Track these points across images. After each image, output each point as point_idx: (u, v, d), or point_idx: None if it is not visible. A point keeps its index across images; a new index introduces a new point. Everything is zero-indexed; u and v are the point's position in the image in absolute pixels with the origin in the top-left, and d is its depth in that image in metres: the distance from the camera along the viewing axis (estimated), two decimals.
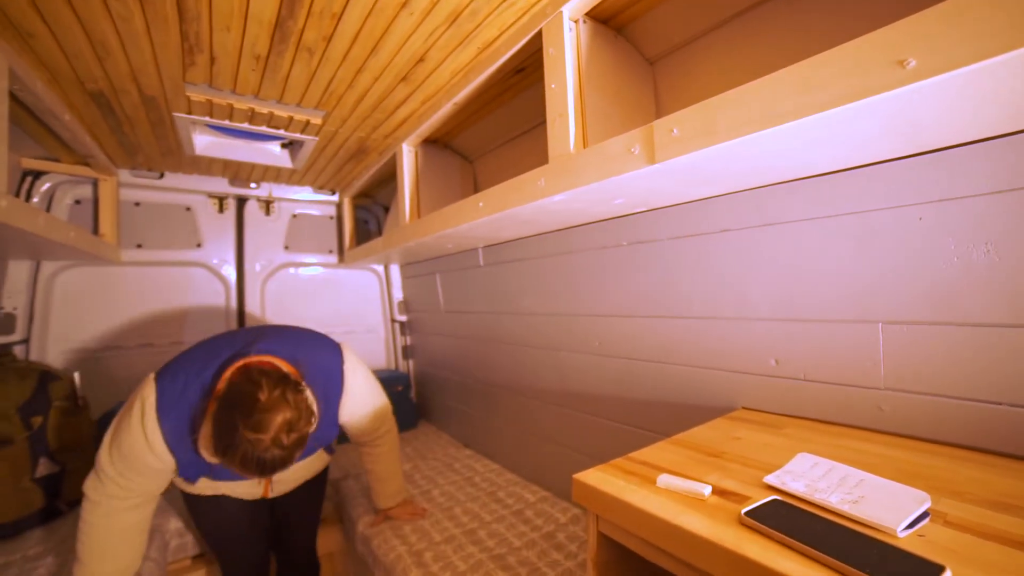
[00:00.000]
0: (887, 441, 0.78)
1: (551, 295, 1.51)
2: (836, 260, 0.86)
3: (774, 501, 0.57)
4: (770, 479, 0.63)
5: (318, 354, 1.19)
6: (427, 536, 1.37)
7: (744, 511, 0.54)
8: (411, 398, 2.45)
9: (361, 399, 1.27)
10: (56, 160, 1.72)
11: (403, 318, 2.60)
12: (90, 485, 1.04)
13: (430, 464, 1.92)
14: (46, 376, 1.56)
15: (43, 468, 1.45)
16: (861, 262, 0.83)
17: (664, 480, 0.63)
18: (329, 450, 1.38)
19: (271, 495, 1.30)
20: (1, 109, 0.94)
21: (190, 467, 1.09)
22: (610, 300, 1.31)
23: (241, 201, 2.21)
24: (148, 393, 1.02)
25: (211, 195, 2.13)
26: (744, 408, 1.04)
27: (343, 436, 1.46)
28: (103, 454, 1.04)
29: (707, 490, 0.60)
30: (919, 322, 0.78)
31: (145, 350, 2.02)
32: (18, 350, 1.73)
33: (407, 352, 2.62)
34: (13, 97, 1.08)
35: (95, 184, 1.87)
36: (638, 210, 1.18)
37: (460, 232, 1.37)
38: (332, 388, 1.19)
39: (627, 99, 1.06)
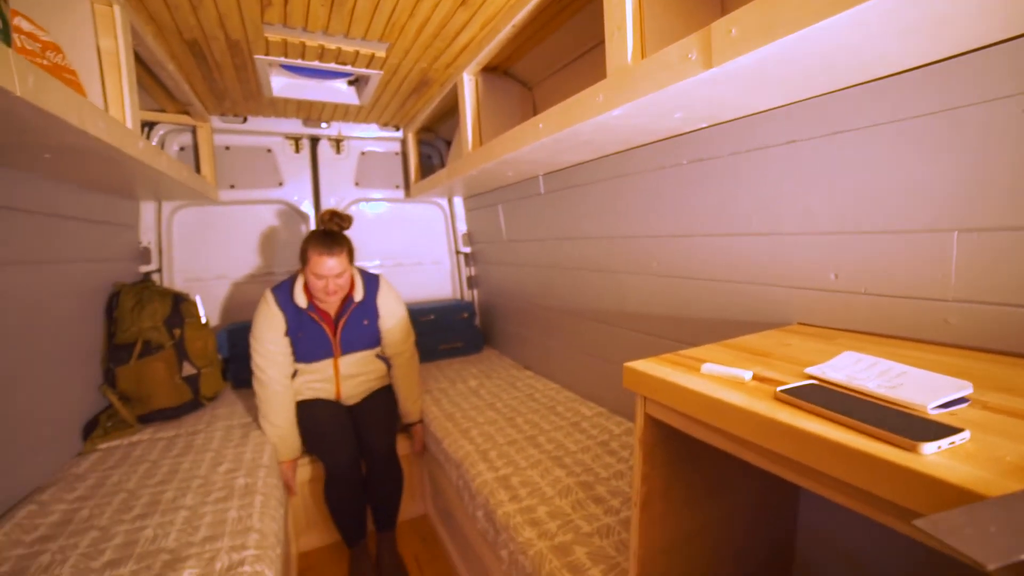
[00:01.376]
0: (948, 352, 0.78)
1: (610, 218, 1.54)
2: (909, 166, 0.82)
3: (811, 384, 0.62)
4: (811, 370, 0.67)
5: (365, 272, 1.80)
6: (491, 439, 1.55)
7: (779, 389, 0.60)
8: (476, 325, 2.64)
9: (391, 300, 1.79)
10: (162, 111, 1.94)
11: (467, 250, 2.75)
12: (254, 380, 1.62)
13: (494, 382, 2.11)
14: (178, 298, 1.88)
15: (186, 370, 1.79)
16: (939, 166, 0.79)
17: (708, 368, 0.70)
18: (385, 360, 1.86)
19: (343, 397, 1.76)
20: (130, 63, 1.10)
21: (290, 327, 1.63)
22: (669, 220, 1.32)
23: (314, 141, 2.38)
24: (267, 290, 1.65)
25: (287, 136, 2.31)
26: (800, 323, 1.05)
27: None
28: (251, 341, 1.63)
29: (747, 375, 0.66)
30: (1002, 228, 0.74)
31: (244, 278, 2.33)
32: (155, 277, 2.09)
33: (471, 282, 2.78)
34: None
35: (193, 132, 2.10)
36: (700, 126, 1.16)
37: (521, 157, 1.41)
38: (371, 286, 1.77)
39: (690, 6, 1.01)
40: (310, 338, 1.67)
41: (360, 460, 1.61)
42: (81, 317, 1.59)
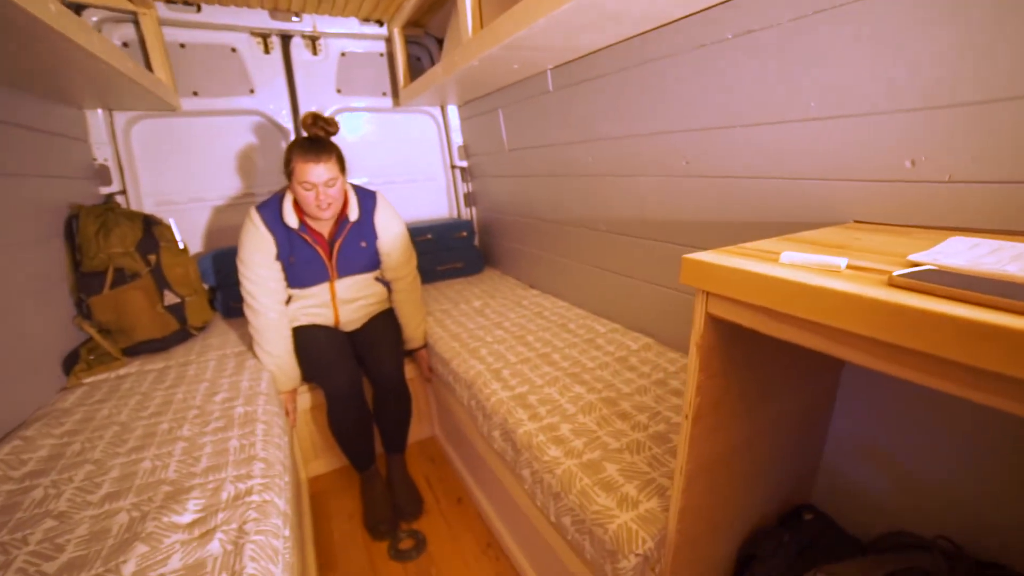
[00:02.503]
0: None
1: (631, 114, 1.35)
2: None
3: (929, 270, 0.50)
4: (917, 256, 0.56)
5: (360, 188, 1.63)
6: (503, 358, 1.47)
7: (895, 273, 0.48)
8: (475, 245, 2.50)
9: (390, 219, 1.64)
10: None
11: (463, 163, 2.53)
12: (246, 308, 1.50)
13: (499, 301, 2.01)
14: (149, 220, 1.69)
15: (168, 298, 1.65)
16: None
17: (789, 256, 0.58)
18: (385, 283, 1.74)
19: (341, 324, 1.66)
20: None
21: (281, 250, 1.49)
22: (704, 111, 1.15)
23: (285, 39, 2.06)
24: (251, 209, 1.48)
25: (253, 32, 1.99)
26: (856, 221, 0.93)
27: None
28: (238, 266, 1.48)
29: (842, 262, 0.54)
30: None
31: (222, 201, 2.12)
32: (120, 201, 1.87)
33: (469, 199, 2.60)
34: None
35: (136, 23, 1.78)
36: None
37: (531, 40, 1.20)
38: (367, 204, 1.60)
39: None
40: (304, 262, 1.53)
41: (361, 383, 1.54)
42: (36, 240, 1.41)
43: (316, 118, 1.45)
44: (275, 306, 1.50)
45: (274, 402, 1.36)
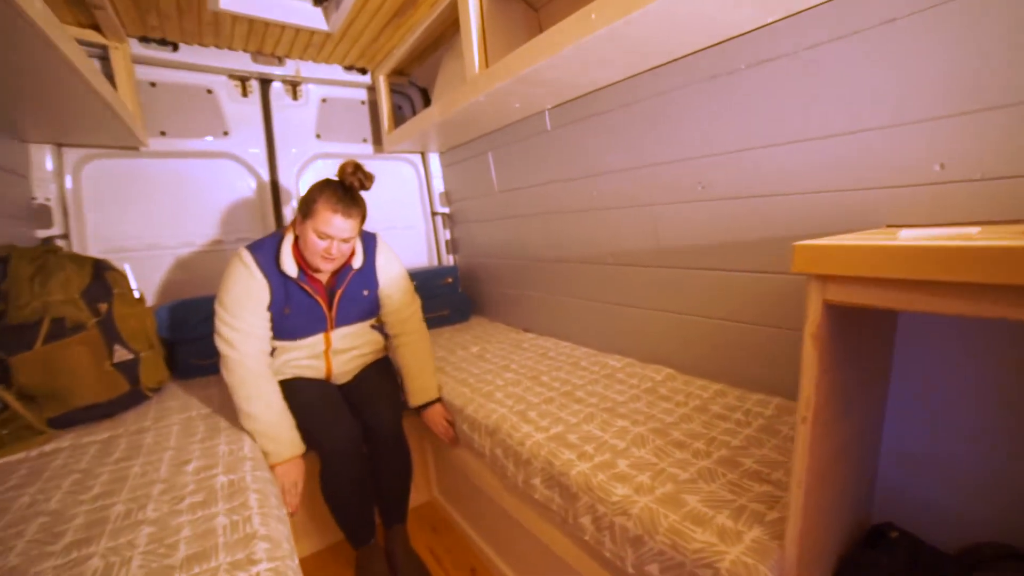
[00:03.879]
0: None
1: (641, 145, 1.39)
2: None
3: None
4: None
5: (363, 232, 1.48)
6: (523, 400, 1.35)
7: None
8: (461, 291, 2.40)
9: (392, 263, 1.52)
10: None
11: (445, 210, 2.48)
12: (223, 364, 1.26)
13: (497, 347, 1.90)
14: (100, 265, 1.47)
15: (119, 354, 1.40)
16: None
17: (907, 232, 0.57)
18: (381, 330, 1.59)
19: (333, 375, 1.49)
20: None
21: (275, 299, 1.30)
22: (721, 137, 1.20)
23: (266, 83, 2.00)
24: (241, 250, 1.30)
25: (232, 75, 1.91)
26: (888, 226, 0.97)
27: None
28: (218, 311, 1.26)
29: (975, 230, 0.54)
30: None
31: (185, 250, 1.91)
32: (62, 245, 1.63)
33: (451, 246, 2.53)
34: None
35: (106, 58, 1.65)
36: (770, 20, 1.04)
37: (549, 70, 1.22)
38: (369, 246, 1.47)
39: None
40: (299, 314, 1.35)
41: (360, 440, 1.34)
42: None
43: (357, 168, 1.29)
44: (261, 357, 1.29)
45: (263, 467, 1.14)
